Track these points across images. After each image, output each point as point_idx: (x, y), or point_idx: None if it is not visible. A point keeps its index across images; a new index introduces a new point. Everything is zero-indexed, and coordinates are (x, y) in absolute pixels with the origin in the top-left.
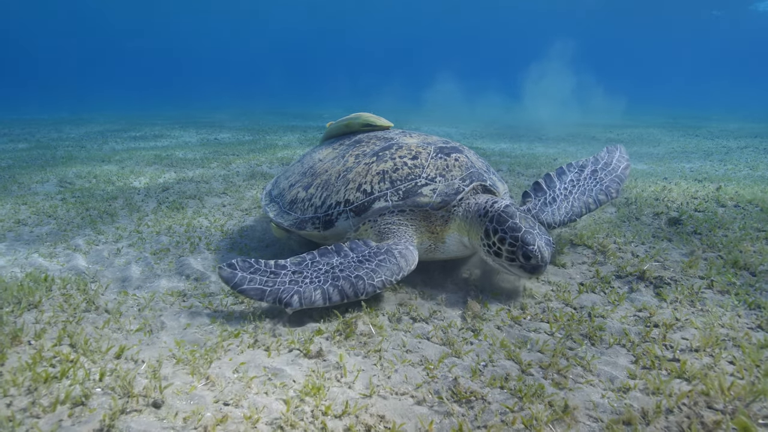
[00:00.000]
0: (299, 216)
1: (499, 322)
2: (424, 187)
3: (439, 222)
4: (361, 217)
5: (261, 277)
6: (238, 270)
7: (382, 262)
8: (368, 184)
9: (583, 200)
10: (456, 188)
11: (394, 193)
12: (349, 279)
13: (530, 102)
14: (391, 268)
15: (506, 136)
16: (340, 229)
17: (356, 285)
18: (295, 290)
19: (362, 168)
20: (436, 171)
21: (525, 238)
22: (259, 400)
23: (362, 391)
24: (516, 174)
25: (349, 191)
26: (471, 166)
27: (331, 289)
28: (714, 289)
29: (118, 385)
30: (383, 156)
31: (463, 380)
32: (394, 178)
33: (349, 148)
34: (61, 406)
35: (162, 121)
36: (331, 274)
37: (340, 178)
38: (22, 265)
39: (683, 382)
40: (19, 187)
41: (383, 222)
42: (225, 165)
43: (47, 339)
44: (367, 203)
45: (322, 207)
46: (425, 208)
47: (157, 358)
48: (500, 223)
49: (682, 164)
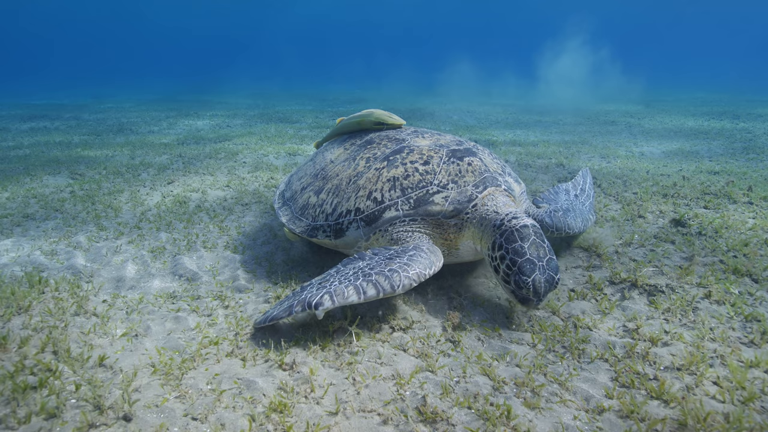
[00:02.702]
0: (310, 223)
1: (480, 333)
2: (436, 195)
3: (452, 230)
4: (372, 227)
5: (289, 300)
6: (270, 311)
7: (413, 256)
8: (378, 191)
9: (584, 216)
10: (469, 195)
11: (404, 201)
12: (383, 273)
13: (547, 84)
14: (424, 261)
15: (521, 122)
16: (350, 238)
17: (392, 278)
18: (326, 290)
19: (372, 174)
20: (449, 177)
21: (522, 266)
22: (226, 415)
23: (329, 407)
24: (525, 165)
25: (359, 199)
26: (485, 170)
27: (364, 284)
28: (710, 298)
29: (91, 396)
30: (394, 161)
31: (431, 398)
32: (404, 185)
33: (360, 149)
34: (35, 417)
35: (178, 106)
36: (362, 272)
37: (351, 183)
38: (23, 264)
39: (661, 404)
40: (32, 179)
41: (394, 231)
42: (232, 155)
43: (32, 346)
44: (378, 212)
45: (333, 214)
46: (437, 217)
47: (134, 367)
48: (508, 241)
49: (701, 153)
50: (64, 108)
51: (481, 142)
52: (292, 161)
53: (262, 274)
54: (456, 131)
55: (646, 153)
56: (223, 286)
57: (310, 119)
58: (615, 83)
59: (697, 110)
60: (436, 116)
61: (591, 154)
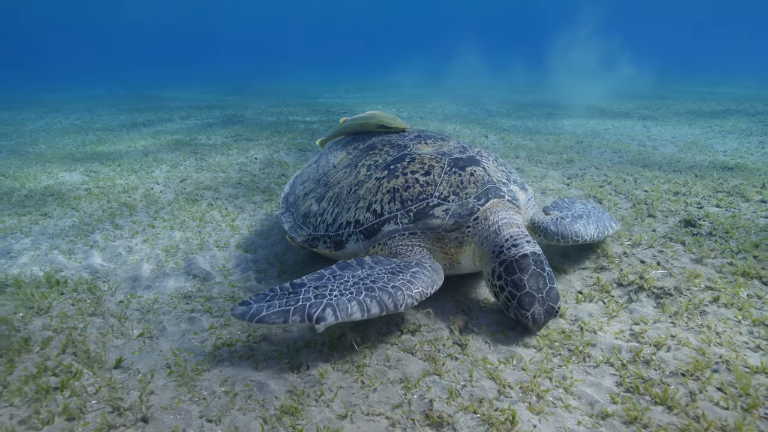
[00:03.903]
0: (311, 232)
1: (487, 336)
2: (436, 208)
3: (453, 243)
4: (371, 240)
5: (280, 301)
6: (253, 303)
7: (416, 273)
8: (378, 203)
9: (602, 224)
10: (470, 208)
11: (404, 214)
12: (386, 289)
13: (557, 74)
14: (426, 280)
15: (531, 115)
16: (350, 251)
17: (395, 296)
18: (326, 302)
19: (373, 184)
20: (450, 189)
21: (522, 300)
22: (240, 417)
23: (339, 411)
24: (535, 161)
25: (359, 210)
26: (488, 180)
27: (368, 300)
28: (719, 302)
29: (109, 398)
30: (394, 170)
31: (438, 403)
32: (404, 197)
33: (363, 155)
34: (58, 418)
35: (189, 103)
36: (363, 284)
37: (352, 193)
38: (42, 263)
39: (665, 410)
40: (48, 176)
41: (394, 244)
42: (244, 151)
43: (53, 347)
44: (377, 225)
45: (333, 225)
46: (437, 230)
47: (150, 368)
48: (507, 273)
49: (716, 146)
50: (78, 101)
51: (490, 135)
52: (303, 157)
53: (273, 274)
54: (467, 124)
55: (659, 147)
56: (235, 286)
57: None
58: (628, 74)
59: (717, 103)
60: (446, 109)
61: (602, 149)
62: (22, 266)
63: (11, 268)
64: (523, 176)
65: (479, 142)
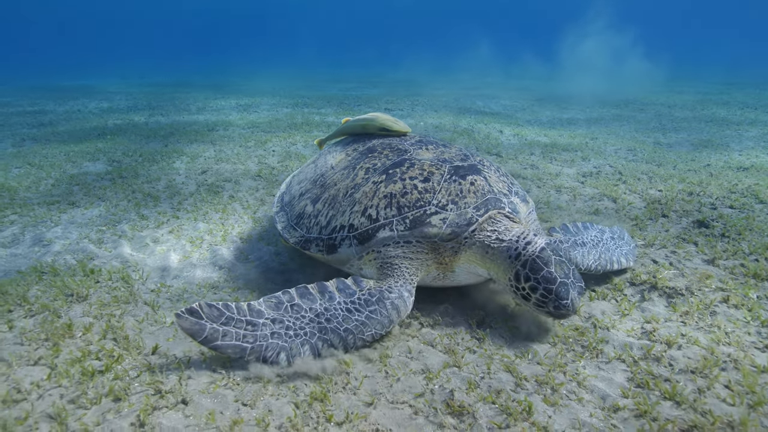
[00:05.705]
0: (304, 234)
1: (503, 331)
2: (433, 216)
3: (448, 253)
4: (365, 246)
5: (237, 330)
6: (205, 320)
7: (373, 313)
8: (374, 208)
9: (608, 256)
10: (468, 219)
11: (400, 221)
12: (338, 332)
13: (570, 70)
14: (382, 321)
15: (546, 108)
16: (343, 255)
17: (346, 339)
18: (281, 346)
19: (370, 188)
20: (448, 197)
21: (559, 292)
22: (273, 402)
23: (365, 398)
24: (550, 158)
25: (354, 214)
26: (488, 190)
27: (320, 344)
28: (729, 302)
29: (150, 381)
30: (393, 175)
31: (458, 393)
32: (401, 203)
33: (362, 157)
34: (105, 399)
35: (206, 92)
36: (317, 324)
37: (347, 196)
38: (74, 252)
39: (674, 405)
40: (73, 165)
41: (387, 253)
42: (261, 144)
43: (94, 333)
44: (372, 231)
45: (327, 228)
46: (433, 239)
47: (186, 354)
48: (534, 271)
49: (731, 145)
50: (94, 89)
51: (505, 130)
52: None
53: (294, 267)
54: (481, 118)
55: (674, 145)
56: (260, 278)
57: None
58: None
59: (731, 99)
60: (461, 102)
61: (618, 146)
62: (55, 254)
63: (45, 256)
64: (537, 173)
65: (494, 137)
